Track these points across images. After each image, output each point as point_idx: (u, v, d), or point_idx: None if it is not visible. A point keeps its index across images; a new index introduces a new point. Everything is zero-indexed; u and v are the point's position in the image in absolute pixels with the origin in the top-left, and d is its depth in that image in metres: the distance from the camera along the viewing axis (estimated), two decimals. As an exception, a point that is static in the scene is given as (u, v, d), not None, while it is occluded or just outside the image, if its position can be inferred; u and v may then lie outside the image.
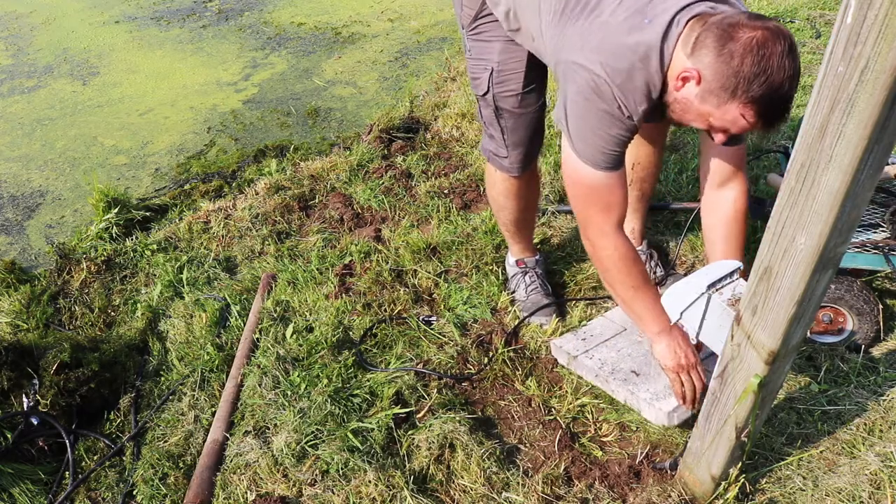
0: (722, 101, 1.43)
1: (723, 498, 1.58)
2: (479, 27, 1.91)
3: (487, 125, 2.03)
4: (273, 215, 2.89)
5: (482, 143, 2.14)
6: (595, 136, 1.59)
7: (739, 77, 1.38)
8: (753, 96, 1.39)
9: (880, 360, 1.99)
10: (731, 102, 1.42)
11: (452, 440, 1.78)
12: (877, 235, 1.98)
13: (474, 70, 1.98)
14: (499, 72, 1.91)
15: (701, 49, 1.43)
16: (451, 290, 2.34)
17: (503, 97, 1.93)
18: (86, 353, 2.15)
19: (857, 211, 1.04)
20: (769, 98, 1.39)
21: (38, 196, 3.43)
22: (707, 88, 1.44)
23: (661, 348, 1.73)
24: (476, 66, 1.96)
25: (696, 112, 1.51)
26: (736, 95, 1.41)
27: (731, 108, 1.43)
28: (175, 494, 1.79)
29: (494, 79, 1.92)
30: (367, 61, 4.71)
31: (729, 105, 1.43)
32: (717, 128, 1.52)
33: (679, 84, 1.49)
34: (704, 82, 1.44)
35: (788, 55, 1.37)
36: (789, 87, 1.40)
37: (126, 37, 5.36)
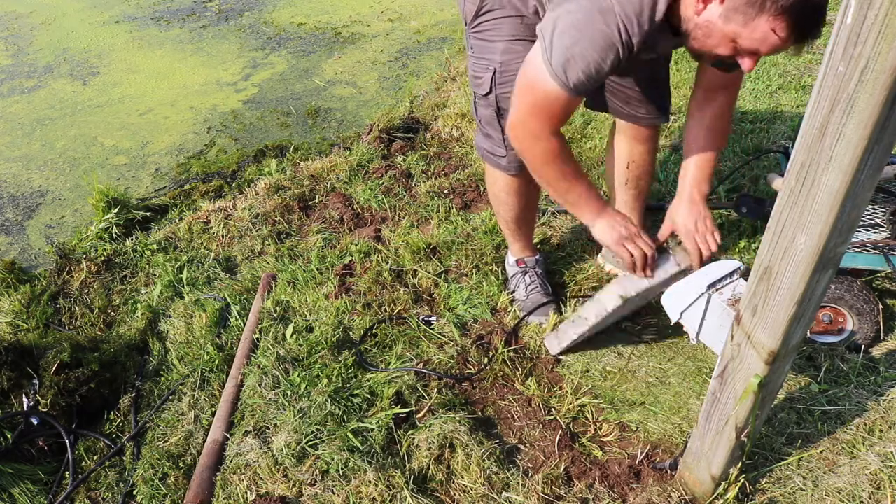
0: (749, 18, 1.34)
1: (723, 498, 1.58)
2: (481, 24, 1.89)
3: (485, 124, 2.01)
4: (273, 215, 2.89)
5: (476, 140, 2.11)
6: (580, 54, 1.50)
7: None
8: (784, 5, 1.29)
9: (880, 360, 1.99)
10: (759, 17, 1.33)
11: (452, 440, 1.78)
12: (877, 235, 1.98)
13: (476, 69, 1.95)
14: (502, 72, 1.88)
15: None
16: (451, 290, 2.34)
17: (506, 98, 1.89)
18: (86, 353, 2.15)
19: (858, 211, 1.04)
20: (802, 6, 1.30)
21: (38, 196, 3.43)
22: (732, 6, 1.35)
23: (599, 229, 1.73)
24: (478, 65, 1.93)
25: (720, 35, 1.41)
26: (765, 8, 1.31)
27: (761, 23, 1.33)
28: (175, 494, 1.79)
29: (498, 79, 1.90)
30: (367, 61, 4.71)
31: (758, 20, 1.33)
32: (745, 49, 1.41)
33: (700, 7, 1.41)
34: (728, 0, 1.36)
35: None
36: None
37: (126, 37, 5.36)
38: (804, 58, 3.92)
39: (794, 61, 3.89)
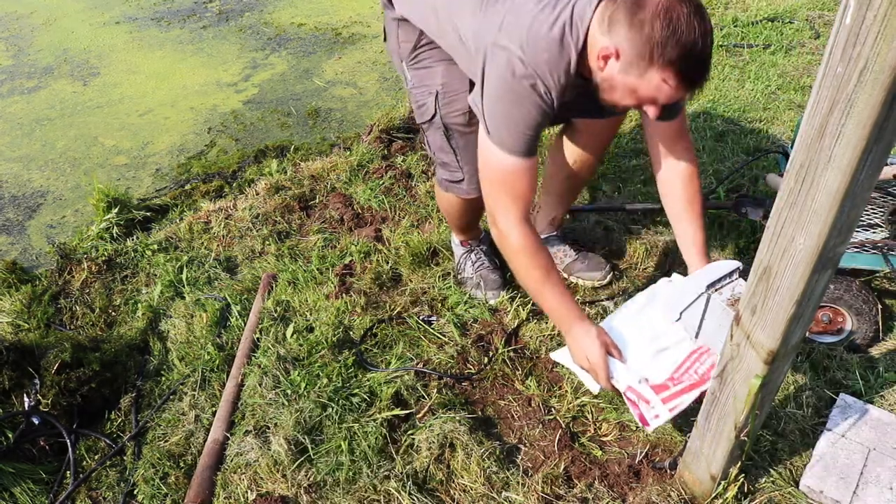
0: (642, 70, 1.46)
1: (722, 497, 1.58)
2: (418, 55, 1.96)
3: (438, 153, 2.04)
4: (273, 215, 2.89)
5: (436, 177, 2.17)
6: (510, 117, 1.60)
7: (652, 42, 1.41)
8: (669, 58, 1.42)
9: (879, 360, 2.00)
10: (650, 69, 1.45)
11: (452, 440, 1.78)
12: (875, 235, 1.98)
13: (418, 98, 1.99)
14: (444, 93, 1.93)
15: (614, 25, 1.48)
16: (451, 290, 2.34)
17: (451, 116, 1.94)
18: (87, 353, 2.15)
19: (857, 211, 1.05)
20: (685, 57, 1.42)
21: (38, 196, 3.43)
22: (626, 61, 1.48)
23: (569, 342, 1.75)
24: (420, 93, 1.98)
25: (621, 87, 1.53)
26: (653, 61, 1.43)
27: (652, 74, 1.46)
28: (176, 494, 1.80)
29: (441, 100, 1.94)
30: (368, 62, 4.71)
31: (649, 72, 1.46)
32: (645, 98, 1.53)
33: (601, 63, 1.53)
34: (623, 55, 1.48)
35: (696, 15, 1.41)
36: (703, 45, 1.42)
37: (126, 37, 5.37)
38: (804, 58, 3.93)
39: (794, 61, 3.90)
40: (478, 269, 2.31)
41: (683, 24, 1.40)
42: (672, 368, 1.67)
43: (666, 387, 1.64)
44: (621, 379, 1.69)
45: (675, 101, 1.53)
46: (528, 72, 1.55)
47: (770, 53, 4.01)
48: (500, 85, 1.59)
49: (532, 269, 1.72)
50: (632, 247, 2.52)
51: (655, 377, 1.66)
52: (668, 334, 1.74)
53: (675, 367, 1.67)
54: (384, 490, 1.69)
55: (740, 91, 3.61)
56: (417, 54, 1.96)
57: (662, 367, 1.68)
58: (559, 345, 2.11)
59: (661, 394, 1.63)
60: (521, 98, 1.58)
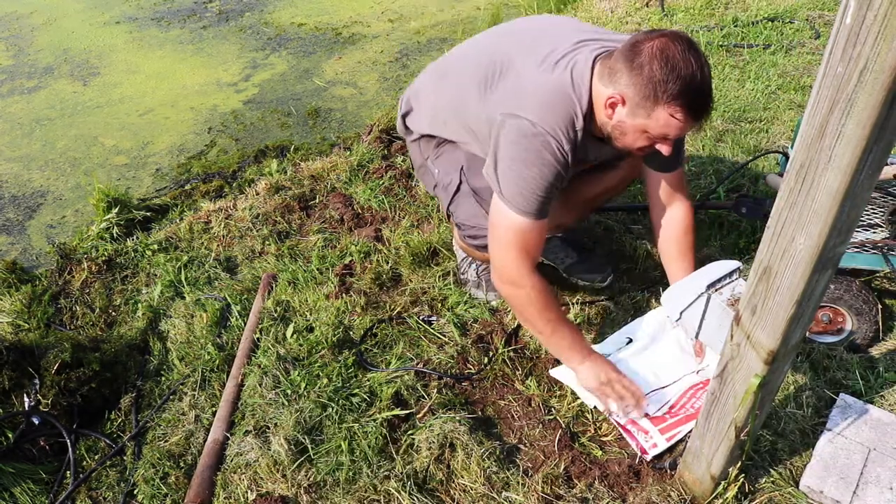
0: (650, 110, 1.55)
1: (722, 497, 1.58)
2: (441, 150, 2.07)
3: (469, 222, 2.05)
4: (273, 215, 2.89)
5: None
6: (524, 179, 1.66)
7: (654, 82, 1.50)
8: (673, 94, 1.50)
9: (879, 360, 2.00)
10: (657, 107, 1.54)
11: (452, 440, 1.78)
12: (876, 235, 1.98)
13: (444, 179, 2.06)
14: (468, 167, 2.00)
15: (615, 74, 1.57)
16: (451, 290, 2.34)
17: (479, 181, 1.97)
18: (87, 353, 2.15)
19: (857, 211, 1.04)
20: (687, 90, 1.50)
21: (38, 196, 3.44)
22: (633, 104, 1.56)
23: (583, 375, 1.82)
24: (445, 174, 2.05)
25: (632, 130, 1.62)
26: (658, 100, 1.52)
27: (660, 112, 1.54)
28: (176, 494, 1.80)
29: (466, 172, 2.01)
30: (368, 62, 4.71)
31: (657, 111, 1.54)
32: (656, 137, 1.61)
33: (609, 112, 1.62)
34: (629, 100, 1.57)
35: (690, 51, 1.50)
36: (702, 76, 1.51)
37: (126, 37, 5.37)
38: (804, 58, 3.93)
39: (794, 61, 3.90)
40: (481, 273, 2.31)
41: (680, 61, 1.48)
42: (671, 403, 1.85)
43: (664, 419, 1.81)
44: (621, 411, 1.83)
45: (684, 134, 1.61)
46: (539, 130, 1.61)
47: (770, 53, 4.01)
48: (513, 148, 1.65)
49: (546, 314, 1.77)
50: (632, 247, 2.51)
51: (654, 410, 1.83)
52: (670, 372, 1.92)
53: (674, 402, 1.85)
54: (384, 490, 1.69)
55: (740, 91, 3.61)
56: (440, 150, 2.07)
57: (662, 401, 1.85)
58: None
59: (658, 425, 1.79)
60: (535, 158, 1.63)
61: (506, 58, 1.78)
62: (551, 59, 1.69)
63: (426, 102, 2.06)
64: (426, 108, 2.06)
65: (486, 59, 1.83)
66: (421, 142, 2.13)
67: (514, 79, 1.73)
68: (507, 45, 1.83)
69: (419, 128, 2.10)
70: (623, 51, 1.56)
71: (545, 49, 1.73)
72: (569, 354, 1.83)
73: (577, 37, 1.74)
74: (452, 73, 1.97)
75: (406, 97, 2.16)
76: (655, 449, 1.75)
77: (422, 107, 2.09)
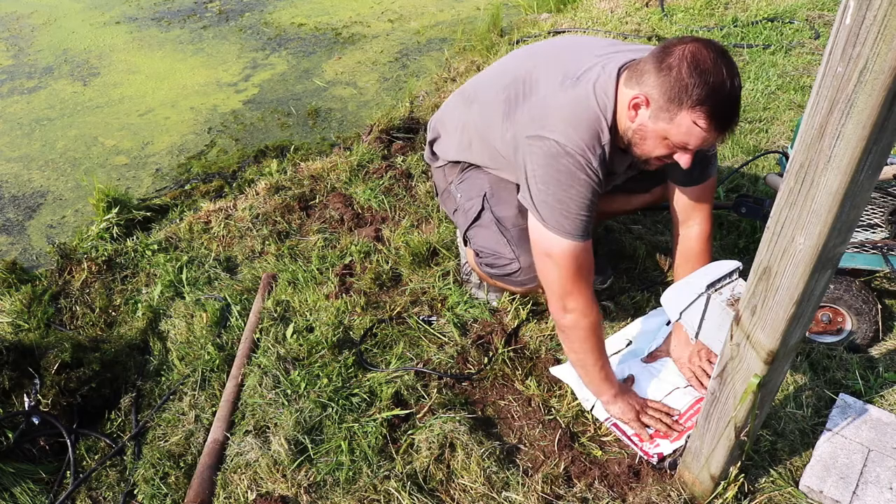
0: (673, 115, 1.48)
1: (722, 497, 1.58)
2: (464, 175, 2.05)
3: (486, 251, 2.02)
4: (273, 215, 2.89)
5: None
6: (562, 202, 1.61)
7: (682, 84, 1.44)
8: (699, 99, 1.43)
9: (879, 360, 2.00)
10: (680, 112, 1.47)
11: (452, 440, 1.78)
12: (875, 235, 1.98)
13: (466, 205, 2.03)
14: (492, 193, 1.98)
15: (643, 76, 1.52)
16: (451, 290, 2.34)
17: (502, 210, 1.96)
18: (87, 353, 2.16)
19: (856, 211, 1.05)
20: (714, 98, 1.43)
21: (38, 196, 3.44)
22: (656, 107, 1.50)
23: (618, 408, 1.82)
24: (467, 199, 2.03)
25: (653, 135, 1.55)
26: (683, 103, 1.45)
27: (683, 117, 1.47)
28: (176, 494, 1.80)
29: (489, 199, 1.98)
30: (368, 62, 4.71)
31: (680, 116, 1.47)
32: (676, 144, 1.54)
33: (632, 114, 1.56)
34: (653, 102, 1.51)
35: (721, 58, 1.44)
36: (731, 86, 1.45)
37: (126, 37, 5.37)
38: (803, 58, 3.93)
39: (794, 61, 3.90)
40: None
41: (710, 66, 1.42)
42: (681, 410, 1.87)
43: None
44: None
45: (706, 146, 1.54)
46: (569, 150, 1.57)
47: (770, 53, 4.01)
48: (545, 172, 1.61)
49: (600, 345, 1.76)
50: (632, 247, 2.51)
51: None
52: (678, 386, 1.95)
53: (684, 409, 1.87)
54: (384, 490, 1.69)
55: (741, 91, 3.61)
56: (464, 175, 2.05)
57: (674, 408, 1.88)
58: (558, 345, 2.12)
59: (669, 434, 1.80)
60: (569, 178, 1.59)
61: (529, 77, 1.74)
62: (573, 75, 1.64)
63: (452, 128, 2.04)
64: (453, 134, 2.04)
65: (509, 79, 1.80)
66: (446, 167, 2.11)
67: (536, 99, 1.68)
68: (529, 66, 1.78)
69: (445, 154, 2.09)
70: (654, 52, 1.51)
71: (567, 66, 1.68)
72: (608, 388, 1.80)
73: (601, 51, 1.70)
74: (478, 98, 1.93)
75: (433, 124, 2.16)
76: (658, 449, 1.75)
77: (448, 132, 2.07)
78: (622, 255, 2.51)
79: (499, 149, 1.85)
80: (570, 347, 1.79)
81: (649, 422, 1.81)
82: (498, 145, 1.84)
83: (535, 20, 5.12)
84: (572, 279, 1.68)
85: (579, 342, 1.75)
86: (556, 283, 1.71)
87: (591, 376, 1.80)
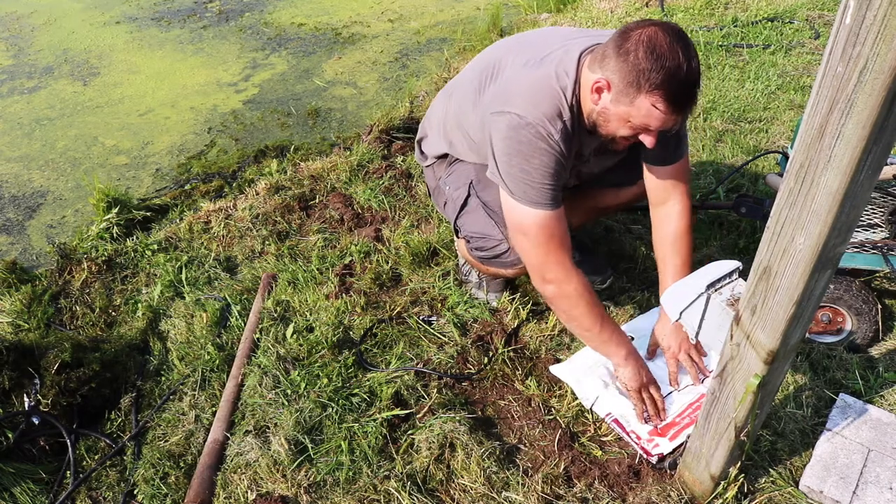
0: (632, 98, 1.53)
1: (722, 497, 1.58)
2: (451, 168, 2.09)
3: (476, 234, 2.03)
4: (273, 215, 2.89)
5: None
6: (527, 172, 1.66)
7: (639, 69, 1.48)
8: (655, 83, 1.48)
9: (879, 360, 2.00)
10: (639, 96, 1.51)
11: (452, 440, 1.78)
12: (875, 235, 1.98)
13: (454, 194, 2.07)
14: (478, 180, 2.01)
15: (604, 60, 1.56)
16: (451, 290, 2.34)
17: (488, 195, 1.98)
18: (87, 353, 2.15)
19: (856, 211, 1.05)
20: (670, 81, 1.48)
21: (38, 196, 3.44)
22: (617, 90, 1.55)
23: (628, 372, 1.82)
24: (455, 188, 2.07)
25: (615, 118, 1.60)
26: (641, 87, 1.50)
27: (642, 100, 1.52)
28: (176, 494, 1.80)
29: (476, 186, 2.02)
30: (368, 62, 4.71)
31: (639, 99, 1.52)
32: (637, 126, 1.59)
33: (595, 97, 1.61)
34: (613, 86, 1.55)
35: (678, 42, 1.48)
36: (688, 69, 1.49)
37: (126, 37, 5.37)
38: (803, 58, 3.93)
39: (794, 61, 3.90)
40: (483, 274, 2.31)
41: (666, 50, 1.47)
42: (680, 409, 1.86)
43: (673, 423, 1.83)
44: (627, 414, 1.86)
45: (667, 126, 1.58)
46: (528, 121, 1.62)
47: (770, 53, 4.01)
48: (507, 144, 1.66)
49: (593, 308, 1.76)
50: (632, 247, 2.51)
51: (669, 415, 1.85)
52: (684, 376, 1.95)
53: (683, 409, 1.87)
54: (384, 490, 1.69)
55: (740, 91, 3.61)
56: (451, 168, 2.09)
57: (671, 406, 1.88)
58: (559, 345, 2.12)
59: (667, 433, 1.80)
60: (530, 149, 1.64)
61: (497, 63, 1.82)
62: (537, 58, 1.71)
63: (436, 124, 2.10)
64: (437, 130, 2.10)
65: (480, 69, 1.87)
66: (435, 165, 2.16)
67: (501, 80, 1.76)
68: (499, 54, 1.85)
69: (432, 151, 2.14)
70: (614, 37, 1.56)
71: (533, 51, 1.75)
72: (616, 349, 1.80)
73: (569, 38, 1.76)
74: (455, 91, 2.00)
75: (422, 124, 2.21)
76: (658, 448, 1.75)
77: (433, 129, 2.13)
78: (622, 255, 2.51)
79: (473, 136, 1.90)
80: (565, 318, 1.82)
81: (646, 400, 1.81)
82: (472, 132, 1.89)
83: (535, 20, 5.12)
84: (545, 248, 1.71)
85: (569, 310, 1.77)
86: (530, 253, 1.75)
87: (594, 340, 1.81)
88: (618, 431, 1.82)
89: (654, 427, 1.81)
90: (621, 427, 1.82)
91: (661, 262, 1.96)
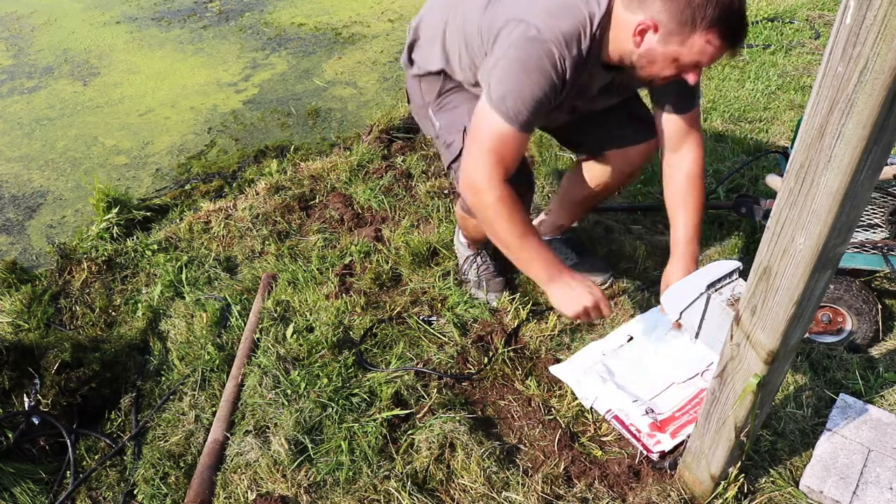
0: (685, 36, 1.48)
1: (722, 497, 1.58)
2: (443, 100, 1.97)
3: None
4: (273, 215, 2.89)
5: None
6: (518, 84, 1.57)
7: (693, 6, 1.43)
8: (712, 19, 1.44)
9: (879, 360, 2.00)
10: (693, 33, 1.47)
11: (452, 440, 1.78)
12: (875, 235, 1.98)
13: (446, 138, 1.97)
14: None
15: (644, 1, 1.49)
16: (451, 290, 2.34)
17: None
18: (87, 353, 2.15)
19: (857, 211, 1.05)
20: (726, 15, 1.44)
21: (38, 196, 3.43)
22: (666, 31, 1.49)
23: (556, 296, 1.74)
24: (448, 134, 1.96)
25: (662, 58, 1.54)
26: (696, 24, 1.45)
27: (696, 38, 1.48)
28: (176, 494, 1.80)
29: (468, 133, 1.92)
30: (368, 62, 4.71)
31: (693, 37, 1.48)
32: (687, 65, 1.54)
33: (638, 39, 1.54)
34: (662, 26, 1.49)
35: None
36: (739, 2, 1.46)
37: (126, 37, 5.37)
38: (804, 58, 3.93)
39: (794, 62, 3.90)
40: (482, 273, 2.31)
41: None
42: (680, 404, 1.86)
43: (673, 418, 1.82)
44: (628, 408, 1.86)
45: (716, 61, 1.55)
46: (544, 37, 1.54)
47: (770, 53, 4.01)
48: (513, 50, 1.57)
49: (513, 223, 1.69)
50: (632, 247, 2.52)
51: (663, 408, 1.85)
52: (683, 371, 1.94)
53: (683, 403, 1.86)
54: (384, 490, 1.69)
55: (740, 91, 3.61)
56: (442, 99, 1.98)
57: (671, 401, 1.87)
58: (559, 345, 2.12)
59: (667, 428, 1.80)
60: (534, 64, 1.56)
61: None
62: None
63: (433, 32, 1.93)
64: (434, 39, 1.93)
65: None
66: (422, 81, 2.01)
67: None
68: None
69: (425, 63, 1.97)
70: None
71: None
72: (537, 272, 1.74)
73: None
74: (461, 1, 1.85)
75: (412, 25, 2.02)
76: (660, 445, 1.75)
77: (428, 37, 1.96)
78: (622, 255, 2.51)
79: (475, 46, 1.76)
80: (489, 234, 1.75)
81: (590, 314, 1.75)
82: (475, 42, 1.76)
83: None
84: (488, 157, 1.64)
85: (489, 215, 1.69)
86: (470, 156, 1.68)
87: (518, 258, 1.74)
88: (618, 429, 1.82)
89: (654, 421, 1.80)
90: (621, 423, 1.81)
91: (675, 205, 1.90)
